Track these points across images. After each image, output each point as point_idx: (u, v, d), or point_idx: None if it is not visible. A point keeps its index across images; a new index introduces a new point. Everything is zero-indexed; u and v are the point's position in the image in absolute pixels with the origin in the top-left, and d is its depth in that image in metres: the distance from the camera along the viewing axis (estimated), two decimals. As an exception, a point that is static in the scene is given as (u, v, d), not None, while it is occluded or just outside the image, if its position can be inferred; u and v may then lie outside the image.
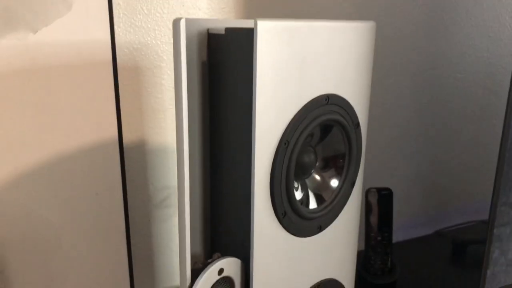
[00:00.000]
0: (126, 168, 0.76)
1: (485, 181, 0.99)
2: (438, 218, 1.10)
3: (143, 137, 0.81)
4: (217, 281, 0.41)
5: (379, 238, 0.85)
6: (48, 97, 0.67)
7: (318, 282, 0.50)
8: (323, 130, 0.47)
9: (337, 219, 0.49)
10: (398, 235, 1.00)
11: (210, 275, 0.39)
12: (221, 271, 0.41)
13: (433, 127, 1.04)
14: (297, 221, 0.45)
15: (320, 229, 0.48)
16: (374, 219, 0.85)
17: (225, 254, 0.43)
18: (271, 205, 0.42)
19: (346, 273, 0.54)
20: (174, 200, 0.84)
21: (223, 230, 0.44)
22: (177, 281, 0.92)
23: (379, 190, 0.86)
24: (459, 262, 0.95)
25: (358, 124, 0.48)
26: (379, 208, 0.85)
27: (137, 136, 0.80)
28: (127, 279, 0.79)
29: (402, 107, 0.99)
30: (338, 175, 0.48)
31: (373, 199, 0.85)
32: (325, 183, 0.48)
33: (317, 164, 0.47)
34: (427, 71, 0.99)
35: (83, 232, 0.74)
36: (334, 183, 0.48)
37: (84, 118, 0.70)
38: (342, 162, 0.47)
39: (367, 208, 0.86)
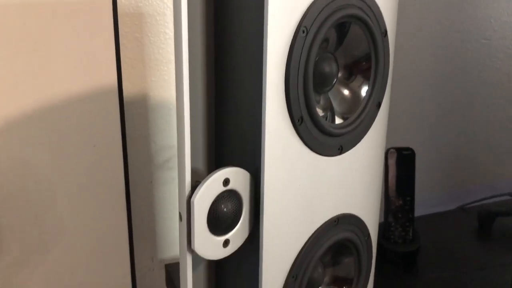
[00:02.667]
0: (126, 123, 0.71)
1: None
2: (461, 194, 1.03)
3: (145, 90, 0.76)
4: (222, 194, 0.35)
5: (400, 202, 0.79)
6: (44, 40, 0.62)
7: (336, 216, 0.44)
8: (341, 33, 0.41)
9: (360, 142, 0.43)
10: (418, 211, 0.94)
11: (213, 183, 0.33)
12: (226, 181, 0.35)
13: (456, 96, 0.97)
14: (315, 133, 0.38)
15: (341, 150, 0.42)
16: (394, 181, 0.79)
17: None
18: (285, 107, 0.36)
19: (368, 211, 0.48)
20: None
21: (229, 143, 0.38)
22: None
23: (400, 150, 0.79)
24: (485, 235, 0.88)
25: (385, 32, 0.42)
26: (400, 169, 0.79)
27: (139, 89, 0.75)
28: (126, 246, 0.73)
29: (425, 72, 0.93)
30: (364, 87, 0.42)
31: (393, 160, 0.78)
32: (349, 98, 0.42)
33: (339, 75, 0.41)
34: (451, 34, 0.93)
35: (78, 188, 0.68)
36: (359, 98, 0.42)
37: (82, 65, 0.65)
38: (367, 72, 0.41)
39: (386, 170, 0.79)
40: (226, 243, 0.37)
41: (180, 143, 0.34)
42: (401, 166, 0.79)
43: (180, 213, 0.35)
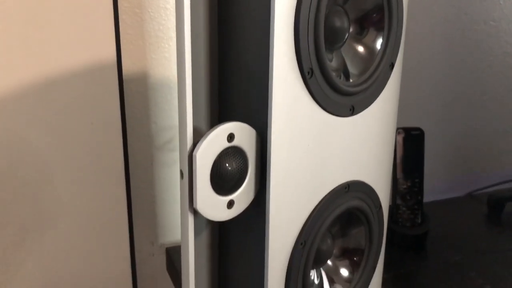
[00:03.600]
0: (126, 102, 0.69)
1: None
2: (470, 181, 1.01)
3: (145, 68, 0.73)
4: (226, 151, 0.32)
5: (408, 184, 0.76)
6: (40, 13, 0.60)
7: (347, 182, 0.41)
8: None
9: (372, 104, 0.41)
10: (426, 197, 0.91)
11: (217, 137, 0.31)
12: (231, 137, 0.32)
13: (466, 81, 0.95)
14: (325, 89, 0.36)
15: (352, 111, 0.39)
16: (402, 163, 0.76)
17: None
18: (294, 58, 0.34)
19: (380, 181, 0.45)
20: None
21: (234, 99, 0.36)
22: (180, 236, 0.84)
23: (409, 130, 0.77)
24: (495, 220, 0.85)
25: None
26: (409, 150, 0.76)
27: (139, 67, 0.73)
28: (125, 229, 0.71)
29: (434, 56, 0.90)
30: (377, 41, 0.39)
31: (402, 140, 0.76)
32: (362, 55, 0.40)
33: (351, 30, 0.39)
34: (459, 16, 0.91)
35: (76, 167, 0.66)
36: (372, 54, 0.39)
37: (79, 40, 0.63)
38: (380, 25, 0.39)
39: (394, 151, 0.77)
40: (230, 204, 0.34)
41: (181, 94, 0.31)
42: (409, 146, 0.76)
43: (181, 171, 0.32)
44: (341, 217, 0.43)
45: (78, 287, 0.70)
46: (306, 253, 0.38)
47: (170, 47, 0.73)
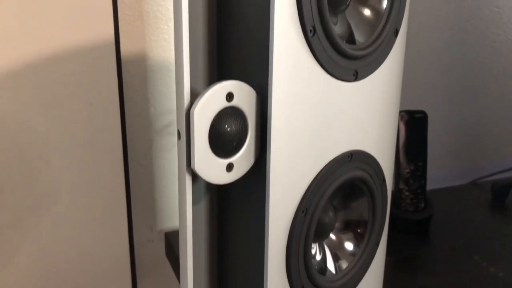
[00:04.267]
0: (124, 84, 0.67)
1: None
2: (473, 169, 1.00)
3: (143, 50, 0.72)
4: (225, 111, 0.31)
5: (411, 168, 0.75)
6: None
7: (350, 151, 0.40)
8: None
9: (377, 71, 0.40)
10: (430, 185, 0.90)
11: (215, 95, 0.30)
12: (230, 96, 0.31)
13: (469, 68, 0.94)
14: (329, 50, 0.34)
15: (356, 76, 0.38)
16: (405, 146, 0.75)
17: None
18: (296, 15, 0.32)
19: (384, 152, 0.44)
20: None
21: (233, 58, 0.34)
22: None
23: (412, 112, 0.75)
24: (499, 207, 0.84)
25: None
26: (412, 133, 0.75)
27: (137, 48, 0.72)
28: (124, 213, 0.70)
29: (437, 41, 0.89)
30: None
31: (405, 123, 0.75)
32: (366, 18, 0.38)
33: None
34: (464, 2, 0.90)
35: (74, 149, 0.65)
36: (377, 16, 0.38)
37: (77, 18, 0.62)
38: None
39: (397, 133, 0.76)
40: (230, 167, 0.33)
41: (177, 50, 0.30)
42: (412, 129, 0.75)
43: (178, 131, 0.31)
44: (344, 188, 0.42)
45: (76, 271, 0.69)
46: (308, 221, 0.37)
47: (169, 28, 0.72)
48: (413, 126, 0.75)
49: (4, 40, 0.59)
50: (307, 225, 0.37)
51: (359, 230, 0.42)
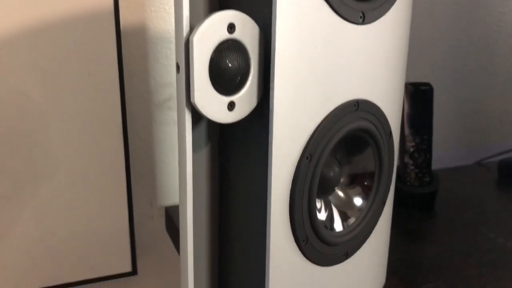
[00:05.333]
0: (124, 55, 0.66)
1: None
2: (479, 150, 0.98)
3: (143, 21, 0.71)
4: (227, 43, 0.30)
5: (417, 141, 0.73)
6: None
7: (356, 99, 0.38)
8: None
9: (384, 17, 0.38)
10: (436, 164, 0.89)
11: (216, 24, 0.28)
12: (231, 27, 0.29)
13: (474, 48, 0.92)
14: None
15: (363, 19, 0.36)
16: (410, 118, 0.74)
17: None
18: None
19: (391, 105, 0.42)
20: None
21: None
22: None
23: (417, 85, 0.74)
24: (506, 185, 0.83)
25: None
26: (417, 106, 0.73)
27: (137, 19, 0.70)
28: (123, 188, 0.69)
29: (442, 21, 0.87)
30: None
31: (410, 96, 0.73)
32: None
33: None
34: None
35: (73, 119, 0.64)
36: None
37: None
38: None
39: (402, 106, 0.74)
40: (231, 105, 0.32)
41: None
42: (418, 102, 0.73)
43: (177, 64, 0.30)
44: (348, 140, 0.41)
45: (74, 246, 0.68)
46: (313, 169, 0.36)
47: (169, -1, 0.71)
48: (419, 99, 0.74)
49: (3, 7, 0.58)
50: (312, 172, 0.36)
51: (366, 183, 0.41)
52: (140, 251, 0.73)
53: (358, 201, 0.43)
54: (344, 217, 0.43)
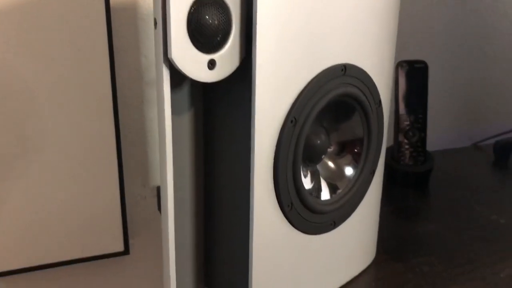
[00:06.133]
0: (114, 33, 0.65)
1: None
2: (475, 132, 0.97)
3: (134, -3, 0.70)
4: (206, 1, 0.29)
5: (411, 120, 0.73)
6: None
7: (344, 64, 0.38)
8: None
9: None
10: (431, 146, 0.88)
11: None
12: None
13: (470, 30, 0.91)
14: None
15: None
16: (405, 97, 0.73)
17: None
18: None
19: (380, 72, 0.41)
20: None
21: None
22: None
23: (411, 62, 0.73)
24: (501, 166, 0.82)
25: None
26: (412, 84, 0.72)
27: (128, -5, 0.69)
28: (115, 168, 0.68)
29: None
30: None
31: (404, 74, 0.72)
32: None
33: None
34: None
35: (62, 98, 0.63)
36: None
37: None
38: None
39: (396, 85, 0.73)
40: (211, 64, 0.31)
41: None
42: (412, 80, 0.72)
43: (155, 19, 0.29)
44: (336, 106, 0.40)
45: (66, 223, 0.67)
46: (297, 133, 0.35)
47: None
48: (413, 77, 0.73)
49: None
50: (297, 136, 0.35)
51: (356, 150, 0.40)
52: (132, 231, 0.72)
53: (348, 170, 0.42)
54: (332, 187, 0.42)
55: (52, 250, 0.68)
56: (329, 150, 0.42)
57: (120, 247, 0.71)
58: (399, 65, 0.73)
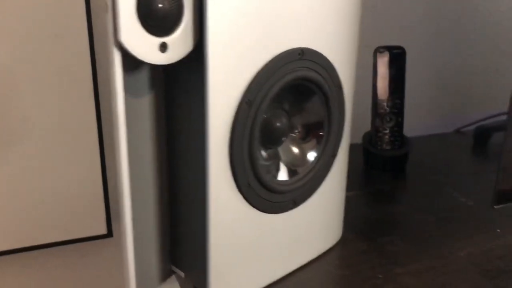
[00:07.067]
0: (93, 16, 0.66)
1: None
2: (458, 118, 0.98)
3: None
4: None
5: (389, 104, 0.73)
6: None
7: (301, 48, 0.38)
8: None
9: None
10: (413, 132, 0.89)
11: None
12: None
13: (451, 16, 0.91)
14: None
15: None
16: (382, 82, 0.73)
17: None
18: None
19: (340, 55, 0.42)
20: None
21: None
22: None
23: (390, 48, 0.73)
24: (480, 150, 0.83)
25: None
26: (390, 70, 0.73)
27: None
28: (96, 152, 0.69)
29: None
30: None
31: (382, 59, 0.73)
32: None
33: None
34: None
35: (43, 83, 0.63)
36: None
37: None
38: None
39: (374, 70, 0.74)
40: (163, 47, 0.32)
41: None
42: (390, 66, 0.73)
43: (105, 3, 0.30)
44: (296, 90, 0.41)
45: (49, 206, 0.68)
46: (253, 114, 0.36)
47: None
48: (391, 62, 0.73)
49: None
50: (253, 117, 0.36)
51: (320, 133, 0.41)
52: (115, 214, 0.74)
53: (311, 155, 0.43)
54: (291, 170, 0.43)
55: (35, 232, 0.69)
56: (294, 134, 0.43)
57: (103, 230, 0.73)
58: (377, 50, 0.74)
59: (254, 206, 0.39)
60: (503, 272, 0.47)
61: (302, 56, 0.38)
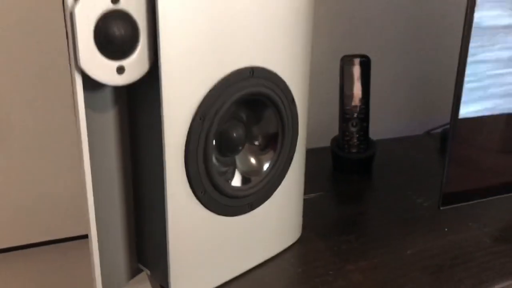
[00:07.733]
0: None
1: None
2: (428, 120, 1.02)
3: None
4: (112, 13, 0.33)
5: (355, 110, 0.77)
6: None
7: (251, 66, 0.42)
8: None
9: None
10: (384, 134, 0.93)
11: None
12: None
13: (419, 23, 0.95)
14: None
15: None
16: (348, 89, 0.77)
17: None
18: None
19: (291, 71, 0.46)
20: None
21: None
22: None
23: (354, 57, 0.77)
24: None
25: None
26: (355, 77, 0.77)
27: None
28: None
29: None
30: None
31: (348, 68, 0.77)
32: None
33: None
34: None
35: (25, 86, 0.65)
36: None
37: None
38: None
39: (341, 78, 0.78)
40: (121, 69, 0.35)
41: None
42: (356, 74, 0.77)
43: (66, 31, 0.33)
44: (253, 103, 0.44)
45: (31, 206, 0.70)
46: (207, 128, 0.40)
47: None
48: (356, 70, 0.77)
49: None
50: (206, 131, 0.40)
51: (277, 143, 0.45)
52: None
53: (267, 166, 0.47)
54: (246, 177, 0.47)
55: (17, 233, 0.71)
56: (254, 144, 0.47)
57: (85, 230, 0.75)
58: (342, 59, 0.78)
59: (211, 210, 0.42)
60: (441, 267, 0.51)
61: (253, 74, 0.42)
